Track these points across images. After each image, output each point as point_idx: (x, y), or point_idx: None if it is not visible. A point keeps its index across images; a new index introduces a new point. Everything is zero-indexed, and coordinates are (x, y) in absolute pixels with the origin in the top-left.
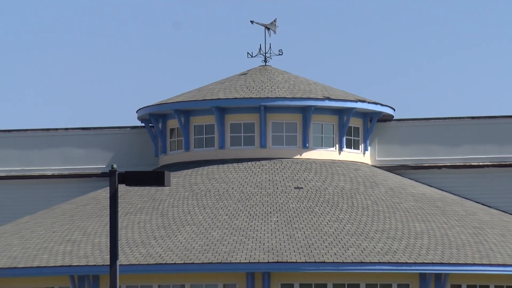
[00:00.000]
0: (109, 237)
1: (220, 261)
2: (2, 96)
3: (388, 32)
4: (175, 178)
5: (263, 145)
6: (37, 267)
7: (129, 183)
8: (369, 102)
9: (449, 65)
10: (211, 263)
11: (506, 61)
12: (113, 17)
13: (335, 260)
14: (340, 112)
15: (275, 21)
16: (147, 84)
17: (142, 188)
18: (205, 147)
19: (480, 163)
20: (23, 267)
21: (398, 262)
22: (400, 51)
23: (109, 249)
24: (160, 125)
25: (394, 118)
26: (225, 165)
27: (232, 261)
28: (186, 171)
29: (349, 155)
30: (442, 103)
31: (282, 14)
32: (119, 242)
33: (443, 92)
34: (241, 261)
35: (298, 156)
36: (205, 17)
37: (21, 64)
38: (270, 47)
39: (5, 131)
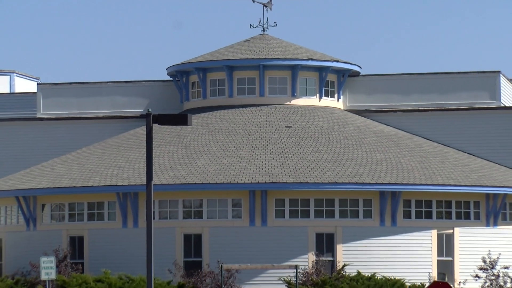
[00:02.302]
0: (145, 163)
1: (229, 182)
2: (65, 55)
3: (360, 7)
4: (195, 119)
5: (261, 94)
6: (91, 186)
7: (160, 123)
8: (341, 62)
9: (403, 31)
10: (222, 183)
11: (445, 27)
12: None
13: (316, 181)
14: (320, 70)
15: (271, 0)
16: (175, 47)
17: (170, 126)
18: (218, 96)
19: (426, 108)
20: (80, 186)
21: (363, 183)
22: (365, 22)
23: (145, 172)
24: (184, 79)
25: (361, 74)
26: (233, 109)
27: (238, 182)
28: (203, 114)
29: (327, 102)
30: (397, 62)
31: None
32: (153, 167)
33: (398, 53)
34: (245, 182)
35: (288, 103)
36: None
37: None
38: (267, 20)
39: (66, 83)
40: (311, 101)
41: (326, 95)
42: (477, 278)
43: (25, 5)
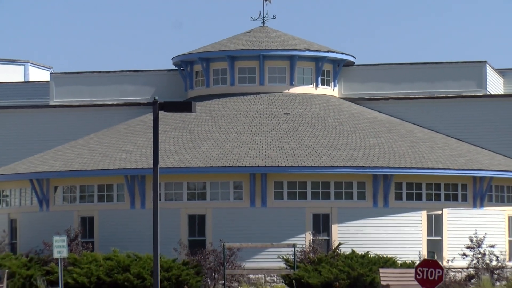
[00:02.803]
0: (152, 148)
1: (231, 165)
2: (77, 46)
3: (355, 3)
4: (199, 106)
5: (261, 83)
6: (101, 169)
7: (166, 110)
8: (337, 52)
9: (395, 23)
10: (224, 167)
11: (435, 18)
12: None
13: (313, 165)
14: (316, 60)
15: None
16: (180, 38)
17: (175, 113)
18: (220, 84)
19: (416, 96)
20: (91, 170)
21: (357, 166)
22: (360, 14)
23: (152, 156)
24: (188, 68)
25: (355, 63)
26: (234, 97)
27: (239, 165)
28: (206, 101)
29: (323, 90)
30: (390, 52)
31: None
32: (159, 151)
33: (391, 44)
34: (246, 166)
35: (286, 91)
36: None
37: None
38: (267, 13)
39: (78, 72)
40: (308, 89)
41: (322, 84)
42: (464, 256)
43: None
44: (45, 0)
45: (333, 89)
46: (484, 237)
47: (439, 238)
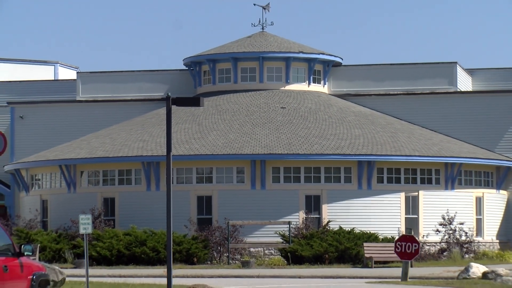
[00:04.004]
0: (165, 138)
1: (234, 153)
2: (101, 48)
3: (342, 9)
4: (206, 101)
5: (261, 81)
6: (121, 156)
7: (178, 104)
8: (327, 54)
9: (377, 29)
10: (228, 154)
11: (414, 23)
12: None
13: (305, 152)
14: (309, 61)
15: (268, 4)
16: (189, 41)
17: (186, 107)
18: (225, 82)
19: (395, 93)
20: (112, 157)
21: (344, 154)
22: (347, 20)
23: (166, 145)
24: (197, 68)
25: (343, 64)
26: (237, 93)
27: (241, 153)
28: (213, 97)
29: (314, 87)
30: (373, 53)
31: None
32: (171, 141)
33: (374, 46)
34: (247, 153)
35: (283, 88)
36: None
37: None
38: (265, 20)
39: (101, 72)
40: (302, 86)
41: (314, 82)
42: (437, 232)
43: (67, 6)
44: (73, 11)
45: (323, 86)
46: (454, 215)
47: (416, 216)
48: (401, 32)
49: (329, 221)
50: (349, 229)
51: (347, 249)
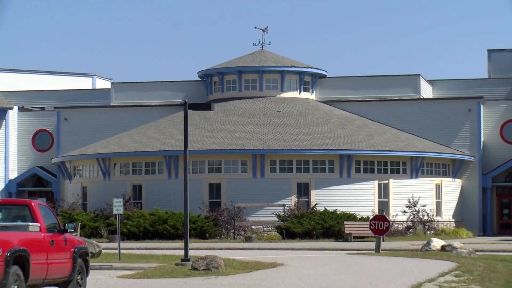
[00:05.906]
0: (183, 136)
1: (239, 148)
2: (131, 63)
3: (327, 30)
4: (216, 107)
5: (261, 90)
6: (147, 151)
7: (193, 109)
8: (314, 68)
9: (356, 46)
10: (234, 149)
11: (386, 42)
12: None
13: (297, 148)
14: (299, 73)
15: (267, 27)
16: (203, 56)
17: (199, 111)
18: (231, 91)
19: (370, 99)
20: (140, 151)
21: (328, 149)
22: (331, 40)
23: (183, 142)
24: (209, 79)
25: (327, 76)
26: (241, 100)
27: (245, 148)
28: (222, 103)
29: (304, 95)
30: (352, 66)
31: (271, 19)
32: (188, 138)
33: (353, 61)
34: (250, 148)
35: (278, 96)
36: (231, 19)
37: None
38: (264, 40)
39: (131, 82)
40: (294, 94)
41: (304, 90)
42: (405, 212)
43: (105, 32)
44: (108, 34)
45: (312, 94)
46: (418, 199)
47: (387, 200)
48: (375, 49)
49: (316, 204)
50: (333, 210)
51: (331, 227)
